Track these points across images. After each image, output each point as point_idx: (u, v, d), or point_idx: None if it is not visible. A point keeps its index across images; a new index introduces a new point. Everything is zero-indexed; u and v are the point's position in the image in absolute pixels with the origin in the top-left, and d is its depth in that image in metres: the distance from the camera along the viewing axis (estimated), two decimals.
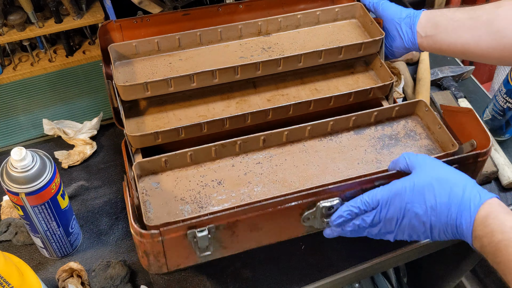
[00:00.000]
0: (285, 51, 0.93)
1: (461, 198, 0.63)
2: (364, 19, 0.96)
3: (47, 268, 0.84)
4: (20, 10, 1.03)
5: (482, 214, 0.62)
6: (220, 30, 0.92)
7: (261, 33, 0.95)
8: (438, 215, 0.64)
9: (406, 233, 0.69)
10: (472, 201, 0.63)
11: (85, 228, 0.89)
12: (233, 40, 0.95)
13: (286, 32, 0.97)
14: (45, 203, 0.73)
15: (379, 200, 0.68)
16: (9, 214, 0.88)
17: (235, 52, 0.93)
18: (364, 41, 0.87)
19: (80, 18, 1.09)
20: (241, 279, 0.84)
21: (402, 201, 0.66)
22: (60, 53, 1.15)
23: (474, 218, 0.62)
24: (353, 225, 0.71)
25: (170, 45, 0.91)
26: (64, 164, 0.96)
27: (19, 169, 0.68)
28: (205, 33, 0.92)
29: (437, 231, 0.66)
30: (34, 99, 1.08)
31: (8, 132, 1.03)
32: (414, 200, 0.65)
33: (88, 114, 1.06)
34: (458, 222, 0.63)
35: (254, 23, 0.94)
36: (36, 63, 1.12)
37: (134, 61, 0.90)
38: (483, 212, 0.62)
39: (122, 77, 0.87)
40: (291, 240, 0.88)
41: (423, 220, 0.66)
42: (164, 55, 0.91)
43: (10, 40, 1.05)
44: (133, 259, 0.85)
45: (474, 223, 0.62)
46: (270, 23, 0.95)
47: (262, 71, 0.85)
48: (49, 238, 0.80)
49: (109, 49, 0.86)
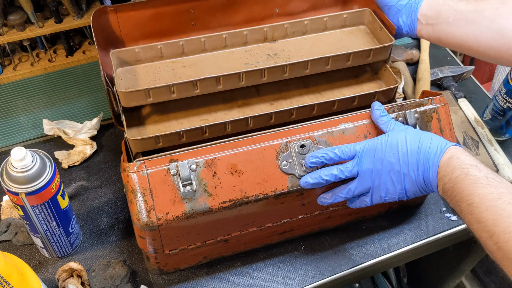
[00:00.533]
0: (292, 57, 0.92)
1: (429, 145, 0.69)
2: (373, 25, 0.95)
3: (47, 268, 0.84)
4: (20, 10, 1.03)
5: (447, 156, 0.67)
6: (225, 37, 0.91)
7: (267, 39, 0.94)
8: (410, 162, 0.69)
9: (382, 187, 0.71)
10: (438, 146, 0.68)
11: (85, 228, 0.89)
12: (238, 46, 0.93)
13: (293, 39, 0.96)
14: (45, 203, 0.73)
15: (357, 150, 0.72)
16: (9, 214, 0.88)
17: (240, 58, 0.92)
18: (373, 47, 0.86)
19: (80, 18, 1.09)
20: (241, 279, 0.84)
21: (378, 152, 0.71)
22: (60, 53, 1.15)
23: (440, 160, 0.67)
24: (330, 175, 0.72)
25: (174, 52, 0.90)
26: (64, 164, 0.96)
27: (19, 169, 0.68)
28: (209, 39, 0.91)
29: (410, 180, 0.70)
30: (34, 99, 1.08)
31: (8, 132, 1.03)
32: (388, 151, 0.70)
33: (88, 114, 1.06)
34: (426, 165, 0.68)
35: (260, 29, 0.93)
36: (36, 63, 1.12)
37: (136, 68, 0.89)
38: (448, 155, 0.67)
39: (123, 83, 0.86)
40: (291, 240, 0.88)
41: (397, 169, 0.70)
42: (167, 62, 0.91)
43: (10, 40, 1.05)
44: (133, 259, 0.86)
45: (439, 165, 0.67)
46: (276, 29, 0.94)
47: (267, 78, 0.84)
48: (49, 238, 0.80)
49: (111, 56, 0.86)
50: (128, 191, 0.70)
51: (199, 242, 0.78)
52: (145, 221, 0.70)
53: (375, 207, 0.89)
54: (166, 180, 0.70)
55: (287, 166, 0.74)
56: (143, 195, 0.70)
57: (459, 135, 1.01)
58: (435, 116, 0.81)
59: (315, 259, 0.87)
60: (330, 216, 0.86)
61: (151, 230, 0.71)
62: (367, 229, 0.91)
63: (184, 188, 0.70)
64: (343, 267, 0.86)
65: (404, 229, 0.92)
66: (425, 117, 0.80)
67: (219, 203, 0.72)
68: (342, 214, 0.87)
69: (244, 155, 0.73)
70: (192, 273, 0.85)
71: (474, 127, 1.04)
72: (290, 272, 0.85)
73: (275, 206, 0.77)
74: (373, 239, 0.90)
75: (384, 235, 0.91)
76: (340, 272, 0.86)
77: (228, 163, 0.73)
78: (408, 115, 0.78)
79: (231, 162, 0.73)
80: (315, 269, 0.86)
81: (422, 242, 0.91)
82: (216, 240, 0.79)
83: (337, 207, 0.83)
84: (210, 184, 0.72)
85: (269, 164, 0.74)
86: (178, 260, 0.81)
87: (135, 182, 0.70)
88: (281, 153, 0.74)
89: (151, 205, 0.70)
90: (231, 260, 0.86)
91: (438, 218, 0.94)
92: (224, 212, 0.73)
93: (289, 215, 0.81)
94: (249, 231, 0.80)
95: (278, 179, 0.74)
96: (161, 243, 0.74)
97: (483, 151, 0.99)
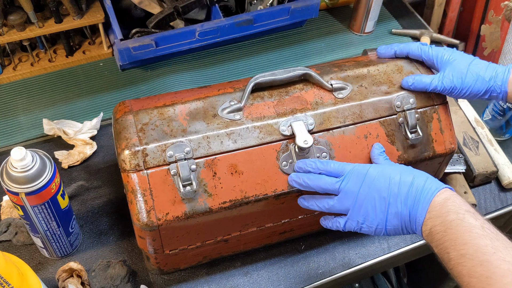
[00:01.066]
0: None
1: (424, 181, 0.66)
2: None
3: (47, 268, 0.84)
4: (20, 10, 1.03)
5: (442, 196, 0.64)
6: None
7: None
8: (400, 192, 0.66)
9: (362, 212, 0.68)
10: (434, 184, 0.65)
11: (85, 228, 0.89)
12: None
13: None
14: (45, 203, 0.73)
15: (345, 170, 0.69)
16: (9, 214, 0.88)
17: None
18: None
19: (80, 18, 1.09)
20: (241, 279, 0.84)
21: (368, 176, 0.68)
22: (60, 53, 1.15)
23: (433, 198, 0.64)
24: (310, 180, 0.70)
25: None
26: (64, 164, 0.96)
27: (19, 169, 0.68)
28: None
29: (394, 211, 0.66)
30: (34, 99, 1.08)
31: (8, 132, 1.03)
32: (379, 177, 0.67)
33: (88, 114, 1.06)
34: (417, 199, 0.65)
35: None
36: (36, 63, 1.12)
37: None
38: (443, 196, 0.64)
39: None
40: (291, 240, 0.88)
41: (383, 196, 0.66)
42: None
43: (10, 40, 1.05)
44: (133, 259, 0.85)
45: (431, 204, 0.64)
46: None
47: None
48: (49, 238, 0.80)
49: None
50: (128, 191, 0.70)
51: (199, 242, 0.78)
52: (145, 221, 0.70)
53: None
54: (166, 180, 0.70)
55: (287, 166, 0.74)
56: (143, 195, 0.70)
57: (459, 135, 1.01)
58: (435, 116, 0.81)
59: (315, 259, 0.87)
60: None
61: (151, 230, 0.71)
62: None
63: (184, 188, 0.70)
64: (343, 267, 0.86)
65: None
66: (425, 117, 0.80)
67: (219, 203, 0.72)
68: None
69: (244, 155, 0.73)
70: (192, 273, 0.85)
71: (474, 127, 1.04)
72: (290, 272, 0.85)
73: (275, 206, 0.77)
74: (373, 239, 0.90)
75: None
76: (340, 272, 0.86)
77: (228, 163, 0.73)
78: (409, 115, 0.78)
79: (231, 162, 0.73)
80: (315, 269, 0.86)
81: (422, 242, 0.91)
82: (216, 240, 0.79)
83: None
84: (210, 185, 0.72)
85: (269, 165, 0.74)
86: (178, 260, 0.81)
87: (135, 182, 0.70)
88: (281, 154, 0.74)
89: (151, 205, 0.70)
90: (231, 260, 0.86)
91: None
92: (224, 212, 0.73)
93: (289, 215, 0.81)
94: (249, 231, 0.80)
95: (278, 179, 0.74)
96: (161, 243, 0.74)
97: (483, 151, 0.99)
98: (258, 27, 1.15)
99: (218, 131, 0.73)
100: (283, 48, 1.23)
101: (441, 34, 1.28)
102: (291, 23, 1.19)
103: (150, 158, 0.70)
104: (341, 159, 0.76)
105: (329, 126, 0.76)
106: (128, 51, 1.05)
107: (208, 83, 1.13)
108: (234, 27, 1.12)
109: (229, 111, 0.75)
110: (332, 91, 0.78)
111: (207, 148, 0.72)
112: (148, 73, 1.15)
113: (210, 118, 0.74)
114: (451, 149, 0.82)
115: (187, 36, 1.09)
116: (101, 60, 1.16)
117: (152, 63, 1.16)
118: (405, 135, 0.79)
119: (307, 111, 0.76)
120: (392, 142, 0.79)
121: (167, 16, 1.11)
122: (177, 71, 1.15)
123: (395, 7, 1.36)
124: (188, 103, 0.75)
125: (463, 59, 0.77)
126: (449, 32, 1.54)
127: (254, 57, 1.20)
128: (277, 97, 0.77)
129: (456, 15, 1.52)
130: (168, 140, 0.71)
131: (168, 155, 0.70)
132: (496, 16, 1.41)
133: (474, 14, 1.51)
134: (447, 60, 0.78)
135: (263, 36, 1.24)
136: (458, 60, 0.77)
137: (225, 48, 1.21)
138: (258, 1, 1.21)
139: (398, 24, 1.32)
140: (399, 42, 1.26)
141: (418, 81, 0.78)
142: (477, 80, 0.76)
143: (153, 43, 1.06)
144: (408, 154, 0.79)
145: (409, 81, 0.79)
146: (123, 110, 0.75)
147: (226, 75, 1.16)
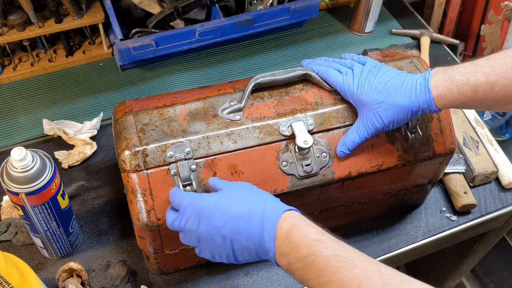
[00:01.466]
0: None
1: (261, 212, 0.61)
2: None
3: (47, 268, 0.84)
4: (20, 10, 1.03)
5: (285, 227, 0.59)
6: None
7: None
8: (239, 228, 0.62)
9: (208, 248, 0.65)
10: (272, 212, 0.61)
11: (85, 228, 0.89)
12: None
13: None
14: (45, 203, 0.73)
15: (182, 204, 0.65)
16: (9, 214, 0.88)
17: None
18: None
19: (80, 18, 1.09)
20: (241, 279, 0.84)
21: (203, 215, 0.63)
22: (60, 53, 1.15)
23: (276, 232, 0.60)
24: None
25: None
26: (64, 164, 0.96)
27: (19, 169, 0.68)
28: None
29: (239, 247, 0.62)
30: (34, 99, 1.08)
31: (8, 132, 1.03)
32: (214, 215, 0.63)
33: (88, 114, 1.06)
34: (260, 236, 0.60)
35: None
36: (36, 63, 1.12)
37: None
38: (286, 225, 0.60)
39: None
40: None
41: (223, 233, 0.62)
42: None
43: (10, 40, 1.05)
44: (133, 259, 0.86)
45: (277, 239, 0.60)
46: None
47: None
48: (49, 238, 0.80)
49: None
50: (128, 191, 0.70)
51: None
52: (145, 221, 0.70)
53: (375, 207, 0.89)
54: (166, 180, 0.70)
55: (287, 166, 0.74)
56: (143, 195, 0.70)
57: (459, 135, 1.01)
58: (435, 116, 0.81)
59: None
60: (330, 216, 0.86)
61: (151, 230, 0.71)
62: (367, 229, 0.91)
63: (184, 188, 0.70)
64: None
65: (404, 229, 0.92)
66: (425, 117, 0.80)
67: None
68: (342, 214, 0.87)
69: (244, 156, 0.73)
70: (192, 273, 0.85)
71: (474, 127, 1.04)
72: None
73: None
74: (373, 239, 0.90)
75: (384, 235, 0.91)
76: None
77: (228, 164, 0.73)
78: None
79: (231, 162, 0.73)
80: None
81: (422, 242, 0.91)
82: None
83: (337, 207, 0.84)
84: None
85: (269, 165, 0.74)
86: (178, 260, 0.81)
87: (135, 182, 0.70)
88: (281, 154, 0.74)
89: (151, 205, 0.70)
90: None
91: (438, 218, 0.94)
92: None
93: None
94: None
95: (278, 179, 0.74)
96: (161, 243, 0.74)
97: (483, 151, 0.99)
98: (258, 27, 1.15)
99: (218, 131, 0.73)
100: (283, 48, 1.23)
101: (441, 34, 1.28)
102: (291, 23, 1.19)
103: (150, 158, 0.70)
104: (341, 159, 0.76)
105: (329, 127, 0.76)
106: (128, 51, 1.05)
107: (208, 83, 1.13)
108: (234, 27, 1.12)
109: (229, 112, 0.75)
110: (332, 91, 0.79)
111: (207, 149, 0.72)
112: (148, 73, 1.15)
113: (210, 118, 0.74)
114: (451, 149, 0.82)
115: (187, 36, 1.09)
116: (101, 60, 1.16)
117: (152, 63, 1.16)
118: (405, 135, 0.79)
119: (307, 112, 0.76)
120: (392, 142, 0.79)
121: (167, 16, 1.11)
122: (177, 71, 1.15)
123: (395, 7, 1.37)
124: (188, 104, 0.75)
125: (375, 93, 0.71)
126: (449, 32, 1.54)
127: (254, 57, 1.20)
128: (277, 97, 0.78)
129: (456, 15, 1.52)
130: (168, 141, 0.71)
131: (168, 155, 0.70)
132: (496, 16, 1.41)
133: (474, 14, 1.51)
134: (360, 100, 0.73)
135: (263, 36, 1.24)
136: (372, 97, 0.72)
137: (225, 48, 1.21)
138: (258, 1, 1.21)
139: (398, 24, 1.32)
140: (399, 42, 1.26)
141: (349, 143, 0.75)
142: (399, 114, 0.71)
143: (153, 43, 1.06)
144: (408, 154, 0.79)
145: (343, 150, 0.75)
146: (123, 110, 0.75)
147: (226, 75, 1.16)
